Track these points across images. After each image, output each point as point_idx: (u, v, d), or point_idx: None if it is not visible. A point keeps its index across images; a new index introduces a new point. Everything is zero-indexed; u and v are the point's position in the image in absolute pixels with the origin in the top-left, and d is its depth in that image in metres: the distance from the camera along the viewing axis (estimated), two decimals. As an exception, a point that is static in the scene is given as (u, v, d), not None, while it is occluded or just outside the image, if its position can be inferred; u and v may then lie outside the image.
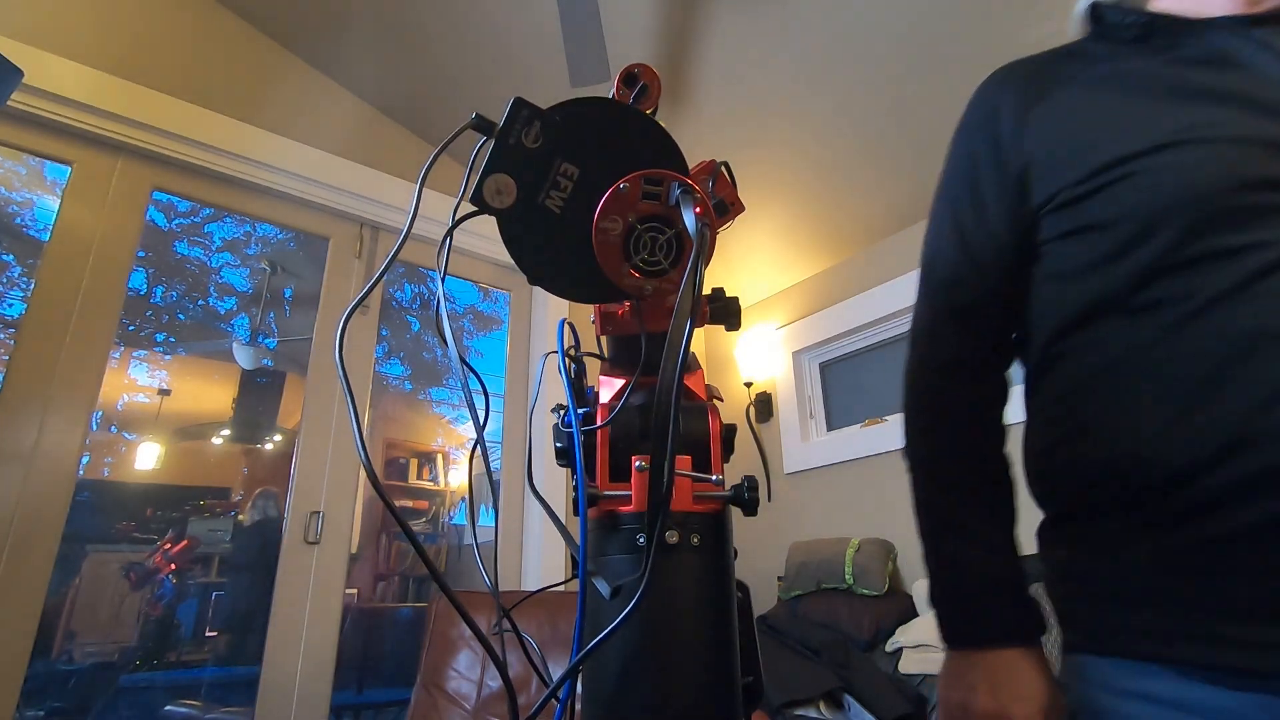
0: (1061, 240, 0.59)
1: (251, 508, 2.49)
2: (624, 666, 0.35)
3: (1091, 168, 0.56)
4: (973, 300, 0.67)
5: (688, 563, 0.37)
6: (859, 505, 2.37)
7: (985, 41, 1.72)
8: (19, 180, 2.03)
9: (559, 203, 0.38)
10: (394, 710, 2.56)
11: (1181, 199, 0.51)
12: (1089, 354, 0.57)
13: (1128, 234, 0.54)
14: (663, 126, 0.39)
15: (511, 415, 2.47)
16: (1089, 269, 0.57)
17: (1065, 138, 0.60)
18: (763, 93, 2.04)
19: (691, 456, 0.41)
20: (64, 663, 2.09)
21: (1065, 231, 0.59)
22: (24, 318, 1.62)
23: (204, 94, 1.95)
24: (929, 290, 0.71)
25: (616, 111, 0.39)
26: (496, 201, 0.37)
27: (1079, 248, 0.58)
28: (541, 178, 0.37)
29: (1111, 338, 0.55)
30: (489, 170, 0.37)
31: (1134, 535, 0.51)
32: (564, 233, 0.38)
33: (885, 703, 1.67)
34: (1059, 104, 0.62)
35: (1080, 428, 0.56)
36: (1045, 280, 0.62)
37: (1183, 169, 0.52)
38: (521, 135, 0.37)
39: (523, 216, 0.38)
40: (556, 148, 0.37)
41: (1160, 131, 0.54)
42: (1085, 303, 0.57)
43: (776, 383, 2.79)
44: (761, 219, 2.54)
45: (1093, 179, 0.56)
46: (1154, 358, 0.52)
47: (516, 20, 1.94)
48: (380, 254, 2.26)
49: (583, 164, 0.38)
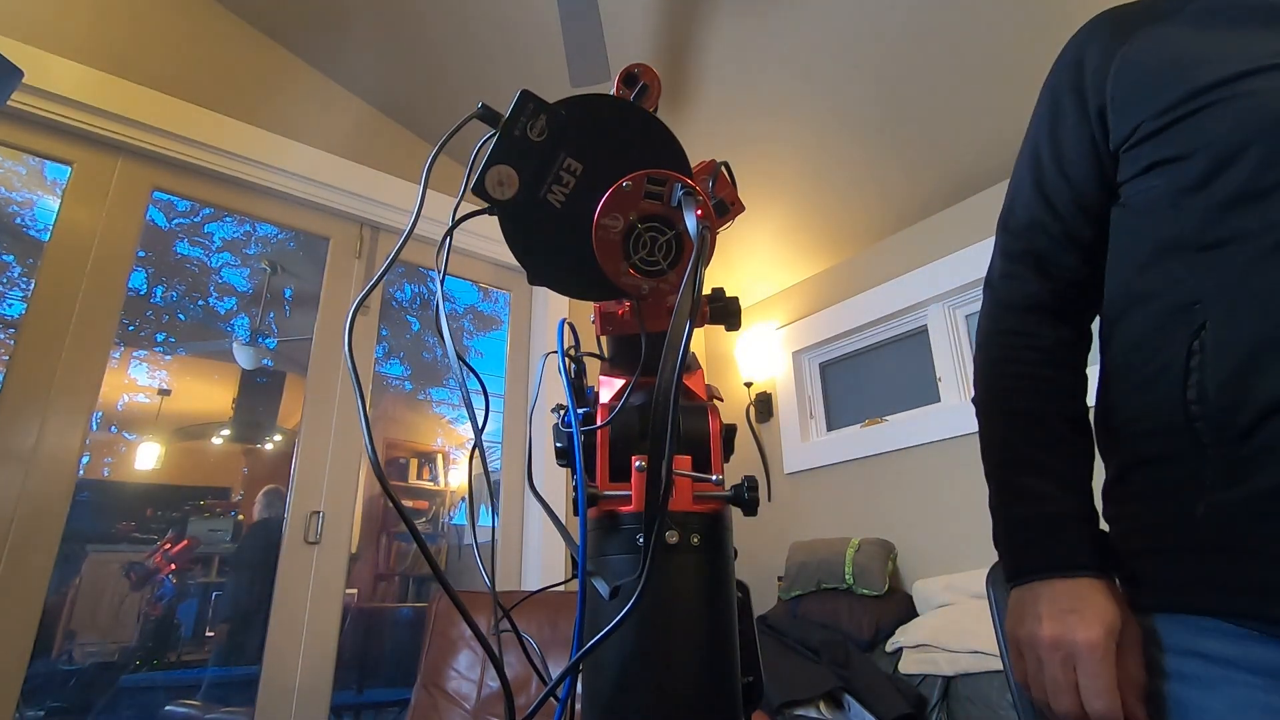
0: (1141, 177, 0.58)
1: (257, 505, 2.49)
2: (624, 667, 0.35)
3: (1173, 99, 0.55)
4: (1050, 245, 0.66)
5: (688, 563, 0.37)
6: (859, 505, 2.37)
7: (985, 43, 1.72)
8: (19, 180, 2.03)
9: (560, 197, 0.38)
10: (394, 710, 2.56)
11: (1263, 125, 0.50)
12: (1162, 296, 0.55)
13: (1207, 164, 0.52)
14: (667, 127, 0.39)
15: (511, 415, 2.47)
16: (1167, 204, 0.55)
17: (1147, 72, 0.59)
18: (763, 92, 2.04)
19: (691, 456, 0.41)
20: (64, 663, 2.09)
21: (1145, 167, 0.57)
22: (24, 318, 1.62)
23: (204, 94, 1.95)
24: (1008, 235, 0.70)
25: (622, 109, 0.39)
26: (498, 193, 0.37)
27: (1158, 181, 0.56)
28: (544, 171, 0.37)
29: (1185, 278, 0.53)
30: (492, 161, 0.37)
31: (1204, 485, 0.50)
32: (564, 228, 0.38)
33: (885, 703, 1.67)
34: (1143, 42, 0.61)
35: (1150, 376, 0.55)
36: (1123, 220, 0.61)
37: (1269, 92, 0.51)
38: (527, 128, 0.37)
39: (523, 209, 0.38)
40: (561, 142, 0.37)
41: (1245, 58, 0.53)
42: (1160, 240, 0.55)
43: (776, 383, 2.79)
44: (761, 219, 2.54)
45: (1174, 110, 0.55)
46: (1227, 299, 0.50)
47: (516, 20, 1.94)
48: (380, 254, 2.26)
49: (586, 160, 0.38)
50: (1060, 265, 0.66)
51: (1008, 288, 0.69)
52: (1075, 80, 0.65)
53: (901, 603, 2.04)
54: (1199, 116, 0.53)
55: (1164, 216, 0.55)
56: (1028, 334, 0.66)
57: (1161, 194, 0.56)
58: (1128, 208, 0.60)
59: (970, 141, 2.03)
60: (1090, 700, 0.52)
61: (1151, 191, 0.57)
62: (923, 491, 2.19)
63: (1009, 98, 1.84)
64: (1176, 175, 0.54)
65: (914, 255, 2.37)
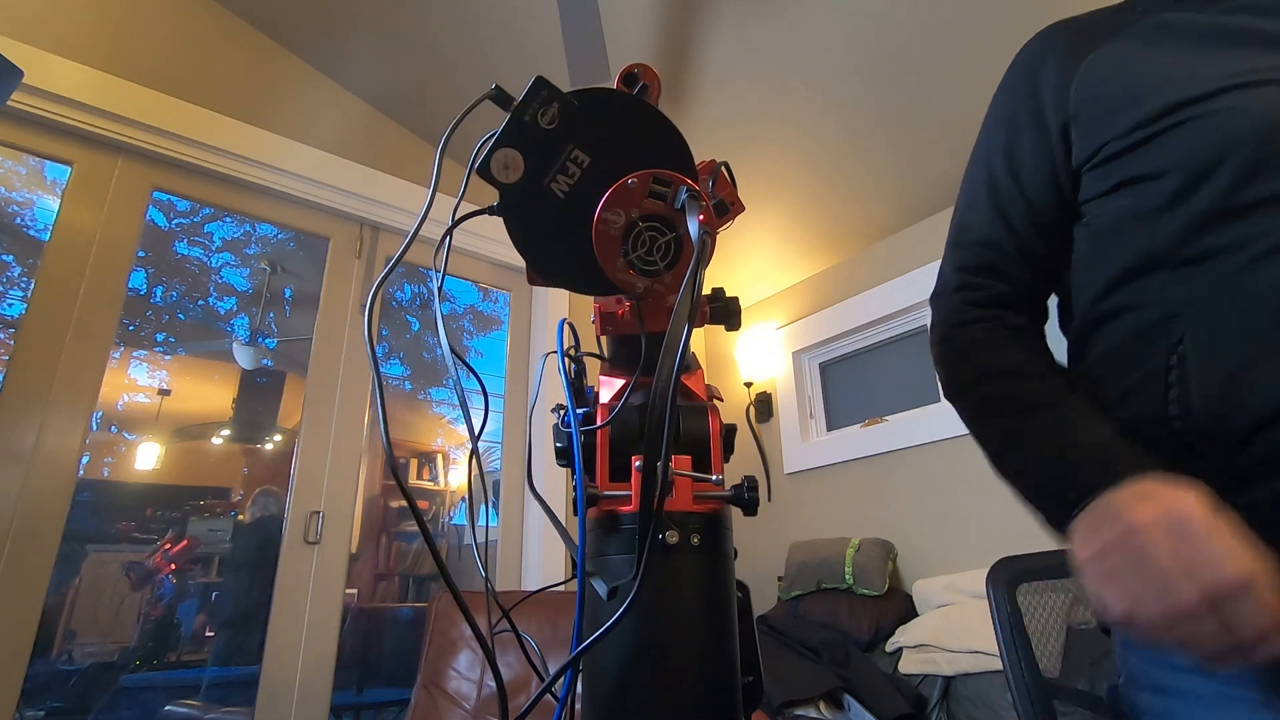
0: (1106, 197, 0.57)
1: (252, 505, 2.49)
2: (624, 667, 0.35)
3: (1140, 117, 0.54)
4: (1004, 260, 0.65)
5: (688, 563, 0.37)
6: (859, 505, 2.37)
7: (985, 43, 1.72)
8: (19, 180, 2.03)
9: (564, 187, 0.38)
10: (394, 710, 2.56)
11: (1241, 138, 0.49)
12: (1137, 312, 0.54)
13: (1179, 183, 0.52)
14: (678, 130, 0.39)
15: (511, 415, 2.47)
16: (1135, 223, 0.54)
17: (1112, 90, 0.58)
18: (763, 93, 2.04)
19: (691, 456, 0.41)
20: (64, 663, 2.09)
21: (1110, 186, 0.57)
22: (24, 318, 1.62)
23: (204, 94, 1.95)
24: (961, 251, 0.68)
25: (635, 107, 0.39)
26: (503, 176, 0.37)
27: (1126, 201, 0.55)
28: (551, 160, 0.37)
29: (1161, 294, 0.52)
30: (500, 144, 0.37)
31: None
32: (564, 218, 0.38)
33: (885, 703, 1.67)
34: (1106, 58, 0.60)
35: (1128, 389, 0.54)
36: (1088, 238, 0.60)
37: (1244, 109, 0.50)
38: (538, 114, 0.37)
39: (526, 195, 0.38)
40: (571, 132, 0.37)
41: (1217, 77, 0.52)
42: (1132, 259, 0.54)
43: (776, 383, 2.79)
44: (761, 219, 2.54)
45: (1142, 129, 0.54)
46: (1208, 312, 0.49)
47: (516, 19, 1.94)
48: (380, 254, 2.26)
49: (594, 153, 0.38)
50: (1014, 277, 0.65)
51: (965, 295, 0.67)
52: (1032, 95, 0.64)
53: (901, 603, 2.04)
54: (1169, 135, 0.53)
55: (1134, 234, 0.55)
56: (996, 319, 0.65)
57: (1130, 212, 0.55)
58: (1091, 226, 0.60)
59: (970, 141, 2.03)
60: (1223, 567, 0.41)
61: (1119, 211, 0.56)
62: (923, 491, 2.19)
63: (1009, 98, 1.84)
64: (1146, 194, 0.54)
65: (914, 255, 2.37)
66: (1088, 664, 1.30)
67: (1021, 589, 0.98)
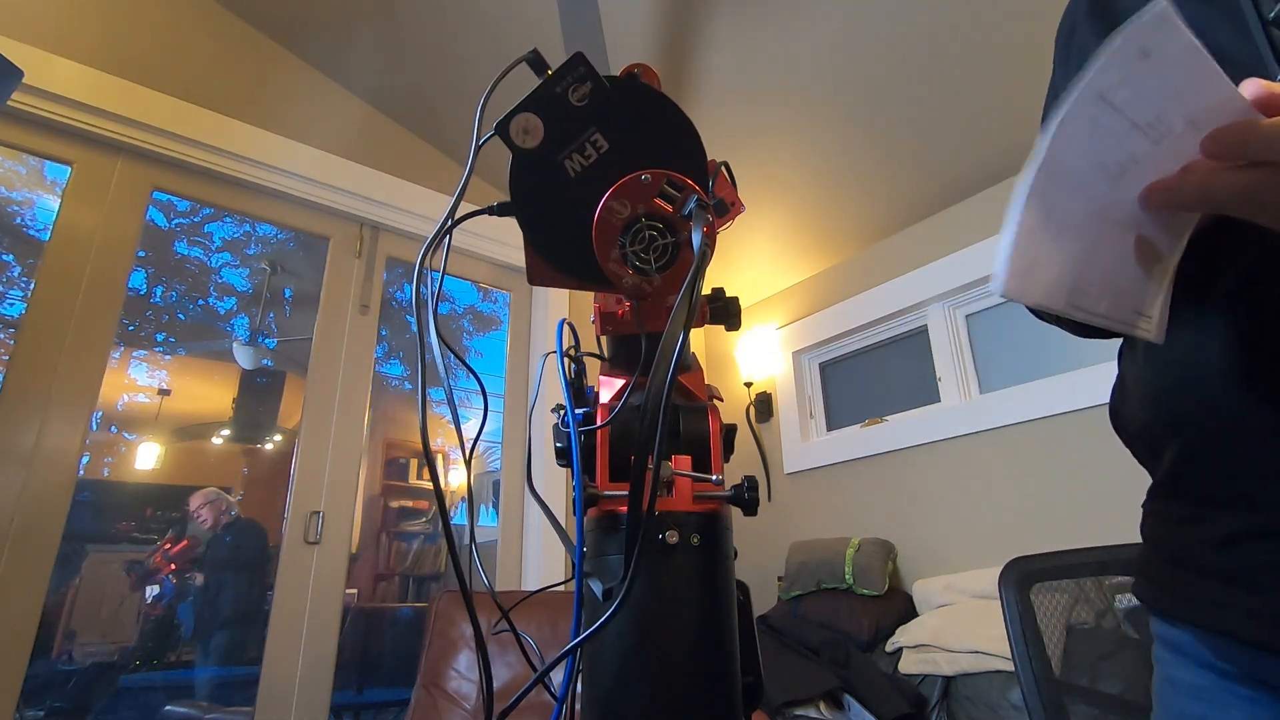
0: None
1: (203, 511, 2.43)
2: (623, 667, 0.35)
3: None
4: None
5: (687, 563, 0.37)
6: (859, 505, 2.37)
7: (985, 42, 1.72)
8: (19, 180, 2.03)
9: (577, 166, 0.38)
10: (394, 710, 2.56)
11: None
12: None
13: None
14: (701, 141, 0.39)
15: (511, 415, 2.47)
16: None
17: None
18: (762, 92, 2.04)
19: (691, 456, 0.41)
20: (64, 663, 2.09)
21: None
22: (24, 318, 1.62)
23: (204, 94, 1.95)
24: None
25: (666, 108, 0.39)
26: (520, 139, 0.37)
27: None
28: (571, 137, 0.37)
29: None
30: (524, 107, 0.37)
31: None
32: (569, 197, 0.38)
33: (885, 703, 1.67)
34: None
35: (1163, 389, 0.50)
36: None
37: None
38: (569, 89, 0.37)
39: (537, 165, 0.38)
40: (597, 115, 0.37)
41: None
42: None
43: (776, 383, 2.79)
44: (761, 219, 2.54)
45: None
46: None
47: (517, 19, 1.94)
48: (380, 254, 2.26)
49: (614, 141, 0.38)
50: None
51: None
52: (1066, 61, 0.60)
53: (901, 603, 2.04)
54: None
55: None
56: None
57: None
58: None
59: (970, 141, 2.03)
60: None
61: None
62: (923, 491, 2.19)
63: (1009, 98, 1.84)
64: None
65: (914, 255, 2.37)
66: (1088, 664, 1.31)
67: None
